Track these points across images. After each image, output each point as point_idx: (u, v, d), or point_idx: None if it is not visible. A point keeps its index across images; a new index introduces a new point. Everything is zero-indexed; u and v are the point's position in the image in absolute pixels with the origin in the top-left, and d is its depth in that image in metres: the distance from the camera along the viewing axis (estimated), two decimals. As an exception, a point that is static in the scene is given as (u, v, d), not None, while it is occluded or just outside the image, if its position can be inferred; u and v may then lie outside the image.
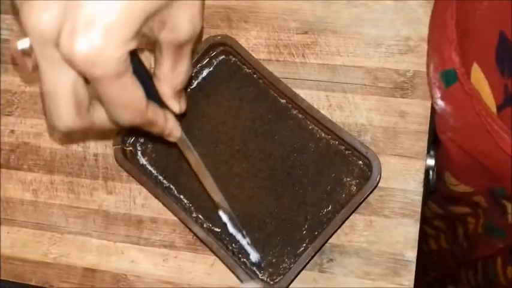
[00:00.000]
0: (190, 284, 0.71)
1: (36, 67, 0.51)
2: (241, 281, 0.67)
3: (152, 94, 0.55)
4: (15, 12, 0.50)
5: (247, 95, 0.71)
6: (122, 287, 0.72)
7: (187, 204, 0.70)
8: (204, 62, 0.72)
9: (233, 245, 0.69)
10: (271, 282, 0.68)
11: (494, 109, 0.60)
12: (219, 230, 0.69)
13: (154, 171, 0.71)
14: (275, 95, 0.71)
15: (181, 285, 0.71)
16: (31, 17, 0.47)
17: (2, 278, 0.74)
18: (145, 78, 0.54)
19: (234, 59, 0.72)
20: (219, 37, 0.71)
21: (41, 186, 0.75)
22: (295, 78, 0.72)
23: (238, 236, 0.69)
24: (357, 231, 0.69)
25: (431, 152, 0.70)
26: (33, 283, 0.74)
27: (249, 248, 0.69)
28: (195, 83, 0.72)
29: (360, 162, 0.68)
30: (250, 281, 0.66)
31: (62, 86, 0.50)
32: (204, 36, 0.72)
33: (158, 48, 0.54)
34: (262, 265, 0.68)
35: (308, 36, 0.72)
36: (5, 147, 0.77)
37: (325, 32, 0.72)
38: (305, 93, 0.71)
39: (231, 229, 0.69)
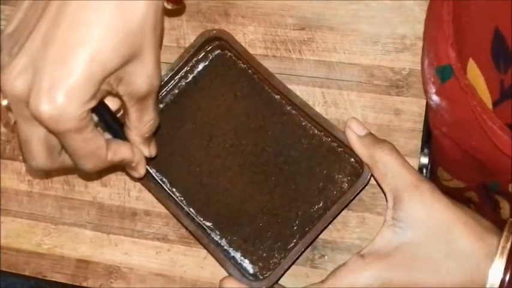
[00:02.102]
0: (183, 277, 0.72)
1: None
2: (230, 274, 0.67)
3: (120, 134, 0.63)
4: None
5: (242, 90, 0.71)
6: (115, 279, 0.73)
7: (179, 198, 0.71)
8: (200, 56, 0.72)
9: (224, 239, 0.69)
10: (261, 277, 0.68)
11: (490, 105, 0.59)
12: (211, 224, 0.70)
13: (146, 164, 0.71)
14: (269, 90, 0.71)
15: (173, 278, 0.72)
16: (8, 84, 0.56)
17: (-5, 268, 0.75)
18: (112, 122, 0.63)
19: (229, 53, 0.72)
20: (214, 31, 0.71)
21: (36, 177, 0.76)
22: (291, 74, 0.72)
23: (233, 253, 0.69)
24: (349, 227, 0.70)
25: (425, 150, 0.70)
26: (26, 273, 0.74)
27: (244, 262, 0.69)
28: (190, 77, 0.72)
29: (352, 159, 0.68)
30: None
31: (35, 136, 0.58)
32: (201, 30, 0.72)
33: (123, 101, 0.60)
34: (259, 276, 0.68)
35: (305, 32, 0.72)
36: (1, 137, 0.77)
37: (322, 29, 0.72)
38: (301, 90, 0.71)
39: (226, 247, 0.70)
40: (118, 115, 0.65)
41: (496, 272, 0.59)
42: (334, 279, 0.62)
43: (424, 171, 0.71)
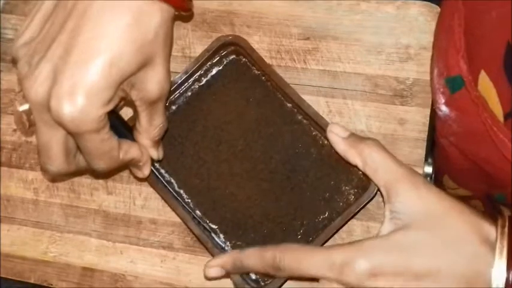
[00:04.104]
0: (188, 286, 0.72)
1: (31, 125, 0.63)
2: (232, 279, 0.68)
3: (127, 136, 0.66)
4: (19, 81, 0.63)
5: (254, 96, 0.72)
6: (120, 287, 0.73)
7: (187, 199, 0.71)
8: (215, 60, 0.73)
9: (228, 243, 0.70)
10: (263, 284, 0.68)
11: (501, 117, 0.60)
12: (216, 227, 0.70)
13: (156, 164, 0.71)
14: (282, 98, 0.71)
15: (178, 286, 0.72)
16: (31, 90, 0.59)
17: (1, 276, 0.75)
18: (122, 128, 0.66)
19: (244, 59, 0.72)
20: (230, 37, 0.71)
21: (41, 185, 0.76)
22: (296, 83, 0.72)
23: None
24: (354, 236, 0.70)
25: (429, 160, 0.70)
26: (32, 281, 0.74)
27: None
28: (204, 80, 0.73)
29: (360, 172, 0.68)
30: None
31: (54, 140, 0.61)
32: (206, 40, 0.73)
33: (134, 106, 0.64)
34: (261, 283, 0.68)
35: (310, 42, 0.73)
36: (7, 145, 0.77)
37: (327, 39, 0.73)
38: (305, 99, 0.71)
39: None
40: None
41: (499, 273, 0.59)
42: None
43: (428, 180, 0.71)
